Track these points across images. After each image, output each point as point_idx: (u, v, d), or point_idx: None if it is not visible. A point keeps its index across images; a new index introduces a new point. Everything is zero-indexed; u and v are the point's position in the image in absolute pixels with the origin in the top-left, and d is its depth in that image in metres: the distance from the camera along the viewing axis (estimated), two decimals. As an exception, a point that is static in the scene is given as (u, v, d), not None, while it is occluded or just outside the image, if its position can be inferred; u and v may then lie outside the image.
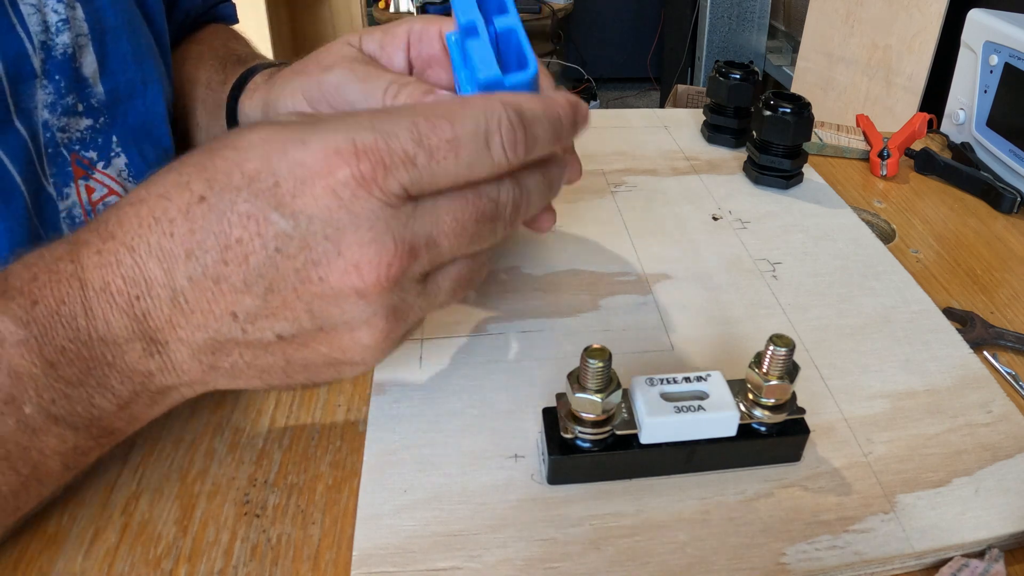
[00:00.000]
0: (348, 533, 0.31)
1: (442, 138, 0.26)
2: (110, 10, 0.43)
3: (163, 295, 0.27)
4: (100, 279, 0.27)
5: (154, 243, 0.27)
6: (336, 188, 0.26)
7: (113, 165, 0.44)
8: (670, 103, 2.21)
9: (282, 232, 0.26)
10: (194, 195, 0.27)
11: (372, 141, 0.26)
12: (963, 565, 0.29)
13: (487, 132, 0.27)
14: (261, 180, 0.26)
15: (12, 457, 0.27)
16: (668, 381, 0.32)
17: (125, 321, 0.27)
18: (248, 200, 0.26)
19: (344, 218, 0.26)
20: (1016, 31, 0.62)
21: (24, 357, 0.26)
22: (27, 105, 0.39)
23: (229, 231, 0.26)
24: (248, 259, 0.26)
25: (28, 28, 0.38)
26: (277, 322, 0.28)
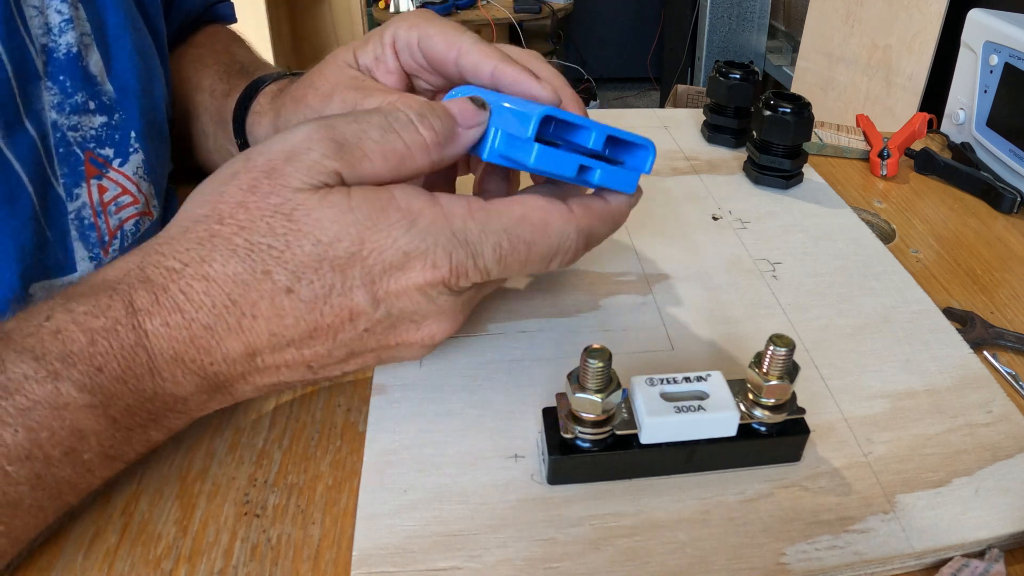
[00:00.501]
0: (348, 533, 0.31)
1: (518, 259, 0.31)
2: (111, 9, 0.43)
3: (240, 360, 0.29)
4: (171, 350, 0.28)
5: (233, 323, 0.28)
6: (428, 291, 0.30)
7: (131, 162, 0.44)
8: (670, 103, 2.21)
9: (374, 320, 0.30)
10: (278, 286, 0.28)
11: (463, 260, 0.30)
12: (963, 565, 0.29)
13: (554, 255, 0.32)
14: (355, 277, 0.29)
15: (64, 494, 0.28)
16: (668, 381, 0.32)
17: (196, 380, 0.29)
18: (342, 295, 0.29)
19: (431, 310, 0.31)
20: (1016, 31, 0.62)
21: (89, 418, 0.27)
22: (36, 106, 0.39)
23: (320, 319, 0.29)
24: (336, 336, 0.30)
25: (30, 30, 0.38)
26: (347, 366, 0.32)
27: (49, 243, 0.39)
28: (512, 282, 0.45)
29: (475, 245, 0.30)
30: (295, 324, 0.28)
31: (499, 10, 2.79)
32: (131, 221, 0.44)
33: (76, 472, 0.27)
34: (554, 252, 0.32)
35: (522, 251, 0.31)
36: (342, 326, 0.29)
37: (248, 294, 0.28)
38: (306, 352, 0.30)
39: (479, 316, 0.42)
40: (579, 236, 0.33)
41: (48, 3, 0.39)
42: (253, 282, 0.28)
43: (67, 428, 0.26)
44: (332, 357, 0.30)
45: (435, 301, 0.30)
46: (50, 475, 0.26)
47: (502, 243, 0.30)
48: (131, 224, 0.44)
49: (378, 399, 0.36)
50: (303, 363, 0.30)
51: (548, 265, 0.33)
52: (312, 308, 0.28)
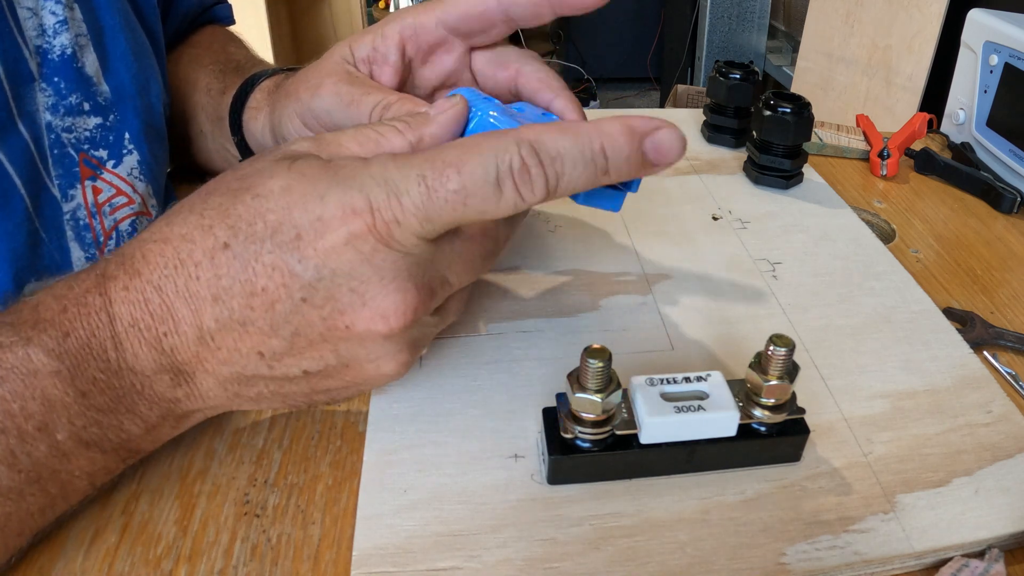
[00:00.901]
0: (348, 533, 0.31)
1: (449, 188, 0.27)
2: (106, 9, 0.43)
3: (190, 333, 0.28)
4: (128, 315, 0.28)
5: (181, 285, 0.28)
6: (356, 243, 0.27)
7: (124, 163, 0.44)
8: (670, 103, 2.21)
9: (307, 283, 0.27)
10: (218, 241, 0.28)
11: (384, 199, 0.27)
12: (963, 565, 0.29)
13: (497, 177, 0.27)
14: (283, 232, 0.27)
15: (43, 480, 0.28)
16: (668, 381, 0.32)
17: (153, 355, 0.28)
18: (272, 251, 0.27)
19: (367, 271, 0.27)
20: (1016, 31, 0.62)
21: (57, 387, 0.27)
22: (29, 108, 0.39)
23: (255, 280, 0.27)
24: (274, 306, 0.28)
25: (24, 32, 0.38)
26: (303, 360, 0.29)
27: (44, 244, 0.39)
28: (512, 282, 0.45)
29: (395, 182, 0.27)
30: (231, 286, 0.27)
31: (499, 10, 2.79)
32: (127, 221, 0.44)
33: (51, 453, 0.27)
34: (495, 174, 0.26)
35: (452, 177, 0.26)
36: (277, 292, 0.27)
37: (193, 252, 0.28)
38: (251, 330, 0.28)
39: (479, 316, 0.42)
40: (522, 146, 0.27)
41: (43, 4, 0.39)
42: (199, 239, 0.28)
43: (38, 398, 0.27)
44: (278, 340, 0.28)
45: (370, 261, 0.27)
46: (25, 453, 0.27)
47: (425, 173, 0.27)
48: (127, 224, 0.44)
49: (378, 399, 0.36)
50: (253, 349, 0.28)
51: (497, 191, 0.27)
52: (245, 266, 0.27)
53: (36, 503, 0.28)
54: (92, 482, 0.30)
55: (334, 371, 0.30)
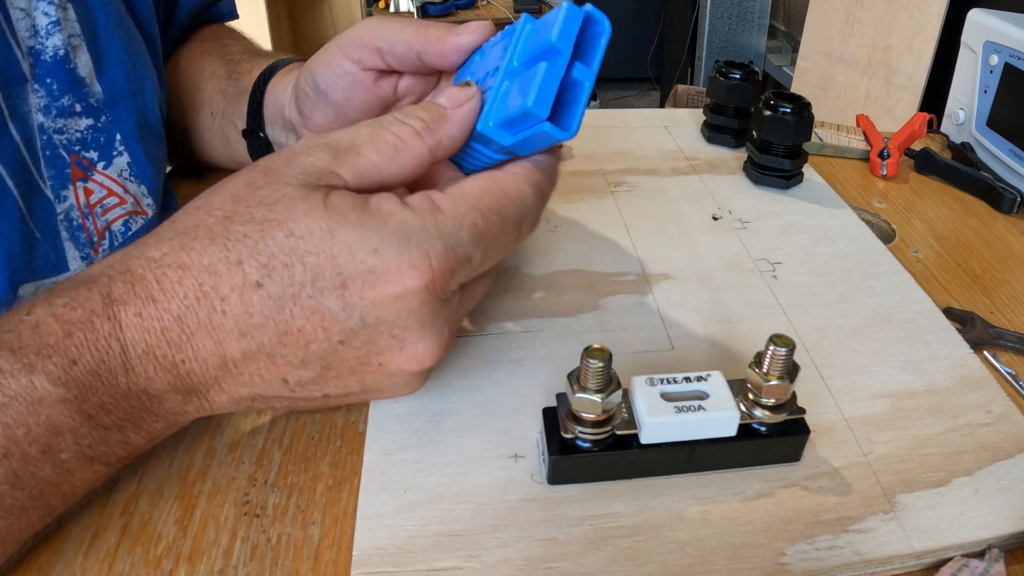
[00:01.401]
0: (348, 533, 0.31)
1: (494, 233, 0.29)
2: (100, 9, 0.43)
3: (211, 361, 0.28)
4: (143, 342, 0.27)
5: (203, 317, 0.27)
6: (407, 297, 0.28)
7: (114, 165, 0.44)
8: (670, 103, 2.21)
9: (348, 329, 0.28)
10: (248, 279, 0.27)
11: (443, 253, 0.28)
12: (963, 565, 0.29)
13: (522, 219, 0.31)
14: (326, 278, 0.27)
15: (46, 495, 0.28)
16: (668, 381, 0.32)
17: (168, 378, 0.28)
18: (312, 296, 0.27)
19: (412, 321, 0.28)
20: (1016, 31, 0.62)
21: (63, 413, 0.26)
22: (21, 109, 0.38)
23: (291, 321, 0.27)
24: (309, 346, 0.28)
25: (16, 34, 0.38)
26: (327, 387, 0.30)
27: (39, 244, 0.39)
28: (512, 282, 0.45)
29: (452, 235, 0.28)
30: (263, 324, 0.27)
31: (499, 10, 2.79)
32: (119, 221, 0.44)
33: (55, 472, 0.27)
34: (520, 213, 0.31)
35: (495, 223, 0.29)
36: (314, 334, 0.28)
37: (219, 286, 0.27)
38: (279, 362, 0.28)
39: (479, 316, 0.42)
40: (533, 191, 0.31)
41: (35, 5, 0.39)
42: (225, 272, 0.27)
43: (43, 424, 0.26)
44: (307, 371, 0.29)
45: (418, 312, 0.28)
46: (28, 474, 0.26)
47: (476, 222, 0.29)
48: (119, 224, 0.44)
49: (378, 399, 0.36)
50: (277, 376, 0.29)
51: (520, 230, 0.31)
52: (281, 307, 0.27)
53: (37, 514, 0.28)
54: (89, 486, 0.30)
55: (353, 396, 0.31)
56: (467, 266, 0.29)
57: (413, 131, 0.30)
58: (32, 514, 0.27)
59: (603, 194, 0.55)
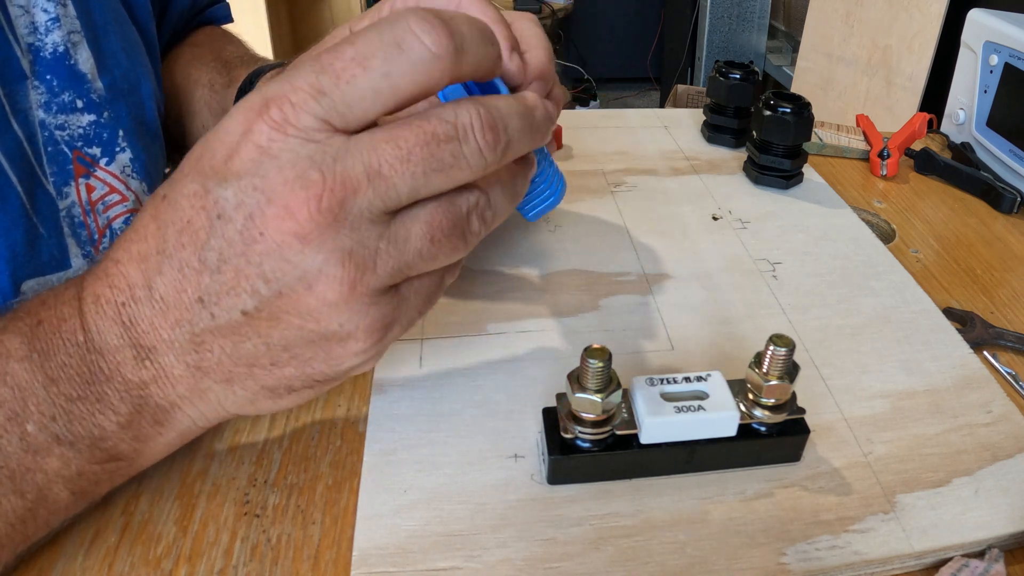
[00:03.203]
0: (348, 533, 0.31)
1: (345, 58, 0.25)
2: (98, 6, 0.43)
3: (143, 296, 0.28)
4: (92, 293, 0.28)
5: (133, 250, 0.28)
6: (252, 137, 0.25)
7: (117, 161, 0.44)
8: (670, 103, 2.21)
9: (220, 197, 0.26)
10: (159, 196, 0.28)
11: (278, 87, 0.25)
12: (963, 565, 0.29)
13: (395, 34, 0.25)
14: (202, 159, 0.27)
15: (16, 479, 0.27)
16: (668, 381, 0.32)
17: (116, 329, 0.28)
18: (192, 179, 0.27)
19: (267, 164, 0.25)
20: (1016, 31, 0.62)
21: (27, 371, 0.27)
22: (23, 105, 0.39)
23: (182, 215, 0.27)
24: (198, 234, 0.26)
25: (15, 31, 0.38)
26: (238, 297, 0.27)
27: (42, 239, 0.39)
28: (512, 282, 0.45)
29: (288, 75, 0.25)
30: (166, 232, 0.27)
31: (499, 10, 2.79)
32: (120, 219, 0.45)
33: (23, 447, 0.27)
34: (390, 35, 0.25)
35: (346, 50, 0.25)
36: (197, 218, 0.26)
37: (142, 217, 0.28)
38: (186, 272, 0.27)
39: (479, 316, 0.42)
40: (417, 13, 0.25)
41: (34, 2, 0.39)
42: (148, 204, 0.28)
43: (8, 384, 0.27)
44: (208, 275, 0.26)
45: (268, 152, 0.25)
46: None
47: (320, 56, 0.25)
48: (120, 222, 0.45)
49: (378, 399, 0.36)
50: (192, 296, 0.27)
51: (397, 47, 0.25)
52: (174, 204, 0.27)
53: (13, 508, 0.27)
54: (71, 490, 0.29)
55: (272, 306, 0.27)
56: (319, 97, 0.25)
57: None
58: (6, 507, 0.27)
59: (603, 194, 0.55)
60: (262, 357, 0.28)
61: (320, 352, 0.28)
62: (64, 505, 0.29)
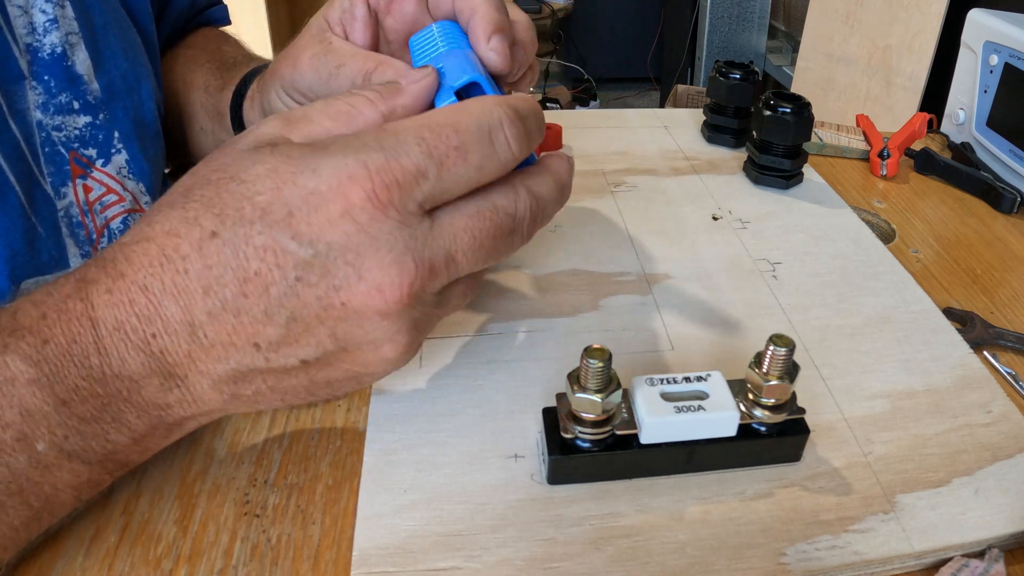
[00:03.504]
0: (348, 533, 0.31)
1: (450, 145, 0.27)
2: (97, 7, 0.43)
3: (181, 331, 0.27)
4: (113, 318, 0.27)
5: (168, 281, 0.27)
6: (352, 212, 0.26)
7: (113, 162, 0.44)
8: (670, 103, 2.21)
9: (301, 261, 0.26)
10: (205, 231, 0.27)
11: (384, 161, 0.26)
12: (963, 565, 0.29)
13: (490, 130, 0.28)
14: (274, 211, 0.26)
15: (24, 492, 0.27)
16: (668, 381, 0.32)
17: (141, 358, 0.27)
18: (263, 232, 0.26)
19: (363, 242, 0.26)
20: (1016, 31, 0.62)
21: (36, 396, 0.26)
22: (20, 106, 0.39)
23: (247, 264, 0.26)
24: (268, 289, 0.26)
25: (14, 31, 0.38)
26: (300, 348, 0.28)
27: (41, 239, 0.39)
28: (512, 282, 0.45)
29: (393, 145, 0.26)
30: (223, 274, 0.26)
31: (499, 10, 2.79)
32: (118, 219, 0.45)
33: (31, 464, 0.26)
34: (488, 127, 0.28)
35: (450, 136, 0.27)
36: (270, 274, 0.26)
37: (180, 246, 0.27)
38: (245, 320, 0.27)
39: (479, 316, 0.42)
40: (505, 110, 0.28)
41: (33, 3, 0.39)
42: (184, 232, 0.27)
43: (16, 407, 0.26)
44: (273, 327, 0.27)
45: (367, 231, 0.26)
46: (3, 464, 0.26)
47: (424, 134, 0.27)
48: (118, 222, 0.45)
49: (378, 399, 0.36)
50: (248, 340, 0.27)
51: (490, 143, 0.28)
52: (236, 251, 0.26)
53: (18, 516, 0.27)
54: (78, 495, 0.29)
55: (333, 358, 0.28)
56: (422, 181, 0.26)
57: (366, 100, 0.30)
58: (12, 515, 0.27)
59: (603, 194, 0.55)
60: (301, 390, 0.30)
61: (356, 386, 0.30)
62: (68, 507, 0.29)
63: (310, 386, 0.29)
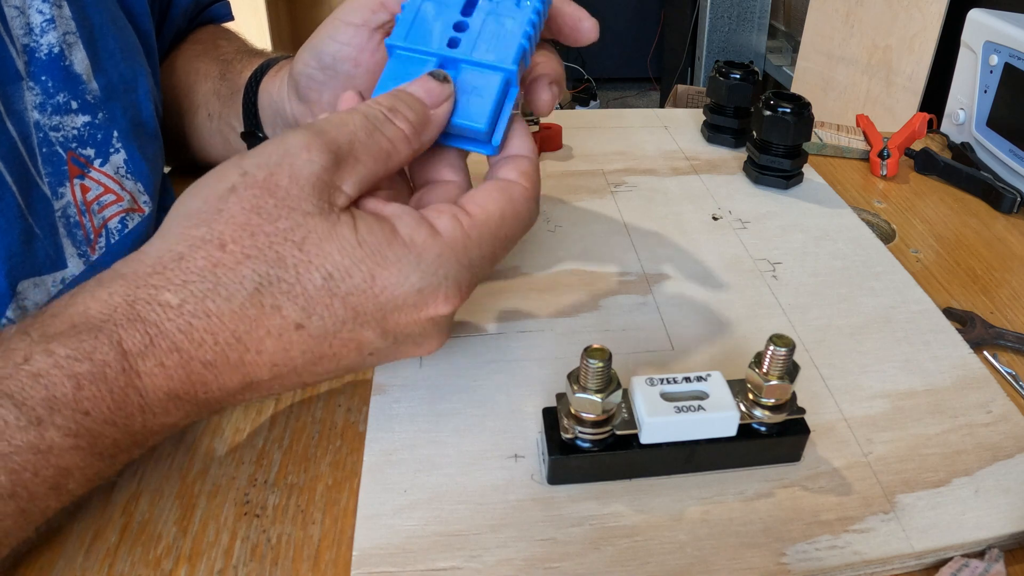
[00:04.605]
0: (348, 533, 0.31)
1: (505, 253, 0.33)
2: (94, 7, 0.43)
3: (234, 387, 0.29)
4: (165, 388, 0.27)
5: (235, 359, 0.27)
6: (438, 320, 0.31)
7: (111, 162, 0.44)
8: (670, 103, 2.21)
9: (380, 347, 0.30)
10: (287, 322, 0.28)
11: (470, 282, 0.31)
12: (963, 565, 0.29)
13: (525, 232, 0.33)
14: (368, 314, 0.29)
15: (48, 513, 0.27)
16: (668, 381, 0.32)
17: (187, 408, 0.28)
18: (353, 331, 0.29)
19: (433, 331, 0.31)
20: (1016, 31, 0.62)
21: (75, 458, 0.26)
22: (17, 107, 0.39)
23: (327, 350, 0.29)
24: (340, 362, 0.30)
25: (11, 31, 0.38)
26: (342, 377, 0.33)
27: (38, 239, 0.39)
28: (512, 282, 0.45)
29: (479, 267, 0.31)
30: (300, 356, 0.29)
31: (499, 10, 2.79)
32: (115, 219, 0.44)
33: (61, 500, 0.27)
34: (526, 230, 0.33)
35: (509, 247, 0.32)
36: (347, 355, 0.30)
37: (255, 331, 0.27)
38: (305, 377, 0.30)
39: (479, 316, 0.42)
40: (537, 204, 0.34)
41: (29, 3, 0.39)
42: (261, 317, 0.27)
43: (52, 468, 0.26)
44: (330, 375, 0.31)
45: (439, 326, 0.31)
46: (35, 508, 0.26)
47: (497, 251, 0.32)
48: (116, 222, 0.44)
49: (378, 399, 0.36)
50: (299, 383, 0.31)
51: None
52: (321, 342, 0.28)
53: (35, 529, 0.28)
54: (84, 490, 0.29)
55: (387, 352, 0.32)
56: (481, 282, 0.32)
57: (404, 136, 0.31)
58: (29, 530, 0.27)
59: (603, 194, 0.55)
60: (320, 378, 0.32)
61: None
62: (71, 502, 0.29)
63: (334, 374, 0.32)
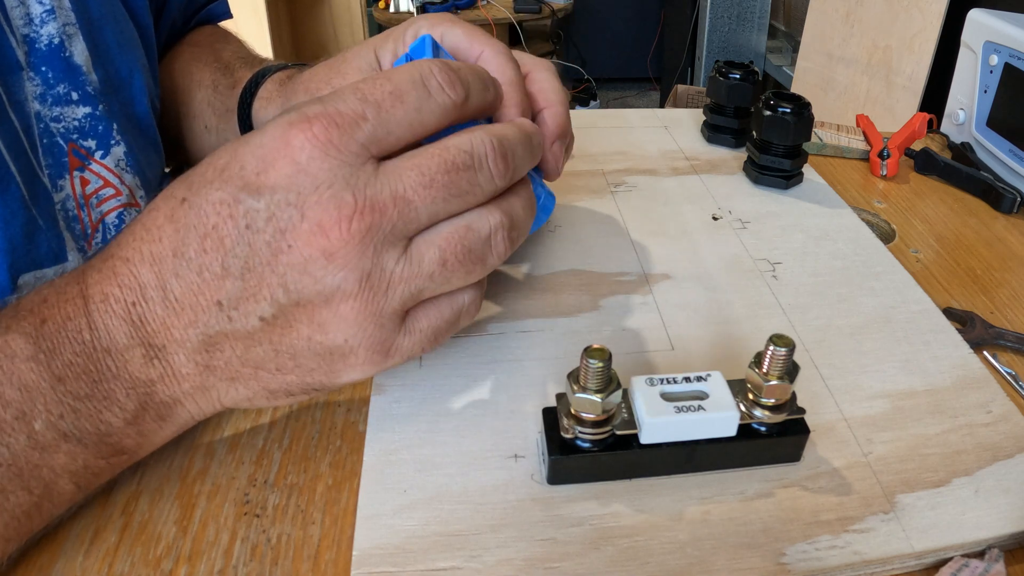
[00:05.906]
0: (348, 533, 0.31)
1: (384, 91, 0.28)
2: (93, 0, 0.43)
3: (155, 296, 0.28)
4: (100, 292, 0.28)
5: (145, 251, 0.28)
6: (295, 156, 0.27)
7: (112, 154, 0.44)
8: (670, 103, 2.21)
9: (251, 208, 0.27)
10: (177, 199, 0.28)
11: (322, 108, 0.27)
12: (963, 565, 0.30)
13: (423, 77, 0.29)
14: (230, 169, 0.28)
15: (24, 475, 0.27)
16: (668, 381, 0.32)
17: (124, 328, 0.28)
18: (219, 188, 0.28)
19: (304, 181, 0.27)
20: (1016, 31, 0.62)
21: (34, 371, 0.27)
22: (18, 97, 0.39)
23: (206, 221, 0.28)
24: (223, 242, 0.28)
25: (11, 22, 0.38)
26: (258, 304, 0.28)
27: (41, 231, 0.39)
28: (512, 282, 0.45)
29: (331, 99, 0.28)
30: (187, 233, 0.28)
31: (499, 10, 2.79)
32: (113, 213, 0.45)
33: (30, 445, 0.27)
34: (420, 75, 0.29)
35: (384, 83, 0.28)
36: (224, 225, 0.27)
37: (156, 218, 0.29)
38: (207, 277, 0.28)
39: (479, 316, 0.42)
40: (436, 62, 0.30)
41: None
42: (163, 205, 0.29)
43: (15, 384, 0.27)
44: (231, 280, 0.28)
45: (307, 171, 0.27)
46: (4, 444, 0.27)
47: (359, 87, 0.28)
48: (114, 216, 0.45)
49: (378, 399, 0.36)
50: (211, 300, 0.28)
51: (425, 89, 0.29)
52: (198, 210, 0.28)
53: (19, 503, 0.27)
54: (77, 483, 0.29)
55: (290, 316, 0.28)
56: (361, 122, 0.27)
57: None
58: (13, 501, 0.27)
59: (603, 194, 0.55)
60: (269, 362, 0.30)
61: (323, 364, 0.30)
62: (69, 497, 0.29)
63: (276, 357, 0.29)
